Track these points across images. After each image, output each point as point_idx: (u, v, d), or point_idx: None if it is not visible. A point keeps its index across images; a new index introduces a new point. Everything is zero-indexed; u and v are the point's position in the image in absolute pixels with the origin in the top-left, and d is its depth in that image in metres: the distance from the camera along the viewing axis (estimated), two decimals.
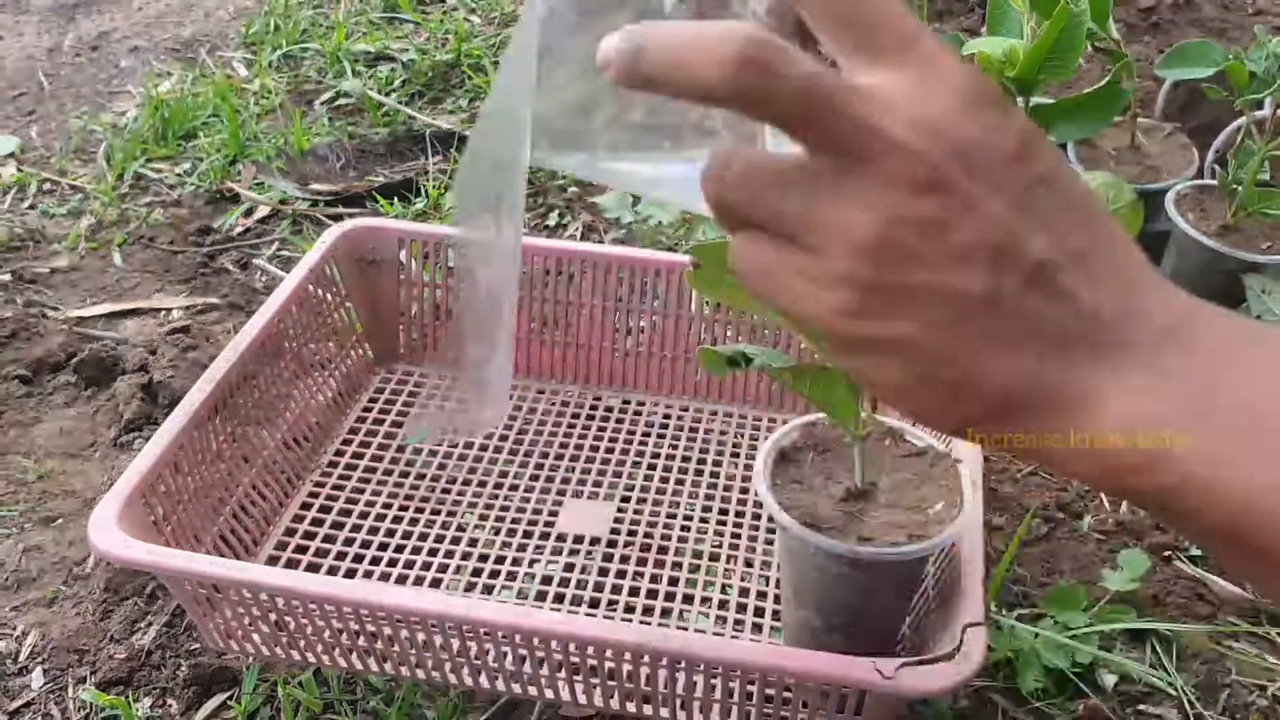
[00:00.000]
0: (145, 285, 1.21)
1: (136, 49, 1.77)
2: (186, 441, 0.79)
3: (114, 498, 0.71)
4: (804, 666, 0.62)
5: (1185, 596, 0.84)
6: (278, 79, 1.63)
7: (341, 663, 0.74)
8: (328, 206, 1.34)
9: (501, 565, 0.85)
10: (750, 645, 0.64)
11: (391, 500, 0.90)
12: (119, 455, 0.98)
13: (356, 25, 1.78)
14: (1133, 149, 1.14)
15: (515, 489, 0.92)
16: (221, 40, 1.78)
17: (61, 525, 0.91)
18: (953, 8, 1.74)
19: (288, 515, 0.88)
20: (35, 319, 1.13)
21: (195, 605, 0.72)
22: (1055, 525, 0.90)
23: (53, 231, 1.31)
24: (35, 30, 1.83)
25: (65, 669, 0.80)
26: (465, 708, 0.76)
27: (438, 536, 0.87)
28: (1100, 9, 1.01)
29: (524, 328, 1.01)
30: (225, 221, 1.32)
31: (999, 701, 0.77)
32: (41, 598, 0.85)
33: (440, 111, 1.55)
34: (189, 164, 1.43)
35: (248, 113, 1.54)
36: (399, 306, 1.02)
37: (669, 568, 0.85)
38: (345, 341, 1.00)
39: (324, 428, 0.95)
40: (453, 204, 0.69)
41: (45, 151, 1.49)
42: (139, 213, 1.33)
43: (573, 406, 1.00)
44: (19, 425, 1.01)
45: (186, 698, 0.77)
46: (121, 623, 0.83)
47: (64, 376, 1.06)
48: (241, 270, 1.24)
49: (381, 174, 1.42)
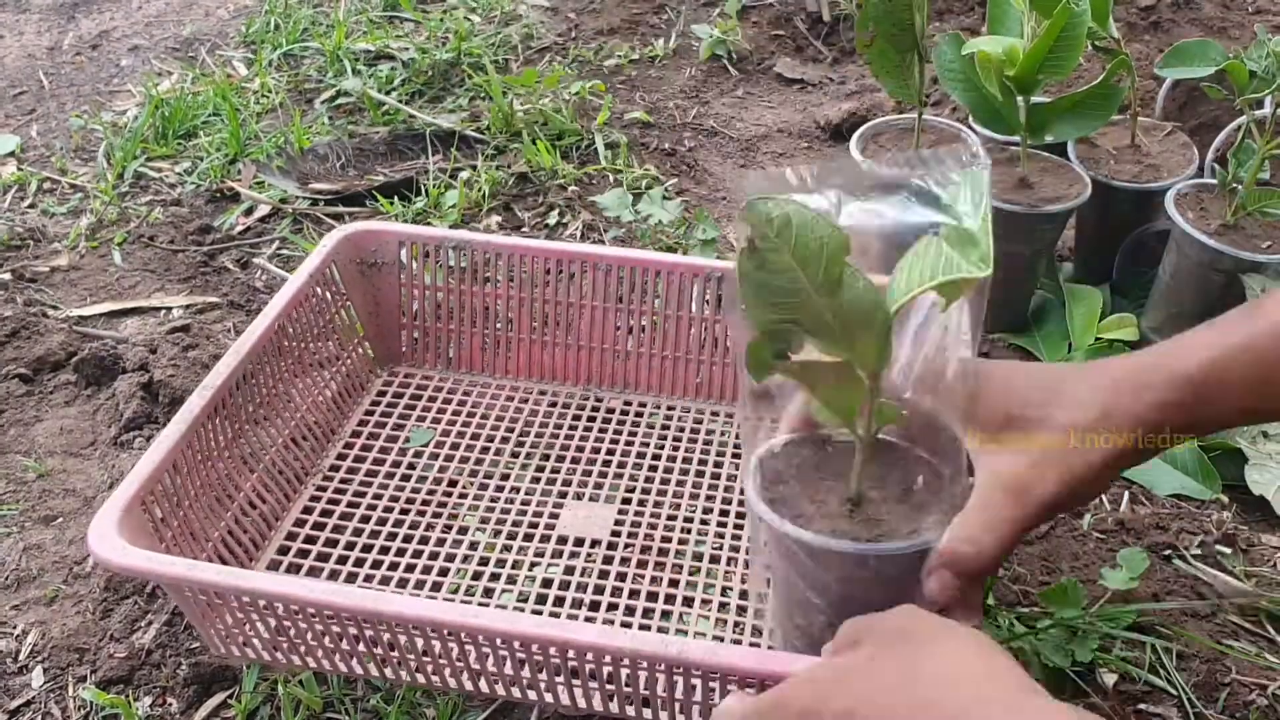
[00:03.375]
0: (145, 284, 1.21)
1: (137, 48, 1.77)
2: (188, 445, 0.79)
3: (114, 503, 0.71)
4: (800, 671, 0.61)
5: (1185, 596, 0.84)
6: (278, 78, 1.63)
7: (341, 667, 0.74)
8: (328, 205, 1.34)
9: (502, 568, 0.85)
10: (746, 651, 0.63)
11: (393, 503, 0.90)
12: (119, 454, 0.98)
13: (357, 24, 1.78)
14: (1132, 148, 1.14)
15: (516, 491, 0.92)
16: (221, 39, 1.78)
17: (61, 524, 0.91)
18: (953, 6, 1.74)
19: (290, 518, 0.88)
20: (35, 318, 1.13)
21: (195, 611, 0.72)
22: (1055, 524, 0.90)
23: (53, 230, 1.31)
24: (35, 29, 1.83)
25: (65, 668, 0.80)
26: (465, 706, 0.76)
27: (439, 539, 0.87)
28: (1100, 8, 1.01)
29: (524, 328, 1.02)
30: (225, 220, 1.32)
31: None
32: (42, 596, 0.85)
33: (440, 110, 1.55)
34: (189, 163, 1.43)
35: (248, 112, 1.54)
36: (400, 308, 1.02)
37: (669, 570, 0.85)
38: (347, 343, 1.00)
39: (326, 430, 0.95)
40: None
41: (45, 150, 1.49)
42: (139, 212, 1.33)
43: (573, 407, 1.00)
44: (19, 424, 1.01)
45: (187, 696, 0.78)
46: (122, 621, 0.83)
47: (64, 375, 1.06)
48: (242, 269, 1.24)
49: (382, 173, 1.42)
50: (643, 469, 0.94)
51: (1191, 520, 0.91)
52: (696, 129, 1.53)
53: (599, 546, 0.87)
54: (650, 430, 0.98)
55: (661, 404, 1.01)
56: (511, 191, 1.35)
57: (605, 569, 0.85)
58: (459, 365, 1.04)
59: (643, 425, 0.99)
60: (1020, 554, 0.87)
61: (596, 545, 0.87)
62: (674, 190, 1.37)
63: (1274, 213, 1.01)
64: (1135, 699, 0.77)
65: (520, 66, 1.66)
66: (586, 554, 0.86)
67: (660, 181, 1.37)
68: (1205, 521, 0.90)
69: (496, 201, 1.34)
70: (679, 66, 1.68)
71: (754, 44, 1.72)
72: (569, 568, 0.85)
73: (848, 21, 1.75)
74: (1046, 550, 0.87)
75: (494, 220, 1.31)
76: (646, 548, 0.87)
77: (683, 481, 0.93)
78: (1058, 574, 0.85)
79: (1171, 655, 0.79)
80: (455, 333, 1.03)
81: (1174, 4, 1.63)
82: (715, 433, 0.98)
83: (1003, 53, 1.01)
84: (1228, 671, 0.78)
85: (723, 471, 0.94)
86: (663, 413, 1.00)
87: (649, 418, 0.99)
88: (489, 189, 1.34)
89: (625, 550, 0.86)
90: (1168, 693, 0.77)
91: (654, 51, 1.70)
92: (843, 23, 1.76)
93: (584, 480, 0.93)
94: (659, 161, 1.43)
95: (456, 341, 1.03)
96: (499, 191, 1.35)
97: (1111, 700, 0.76)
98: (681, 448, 0.96)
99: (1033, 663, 0.77)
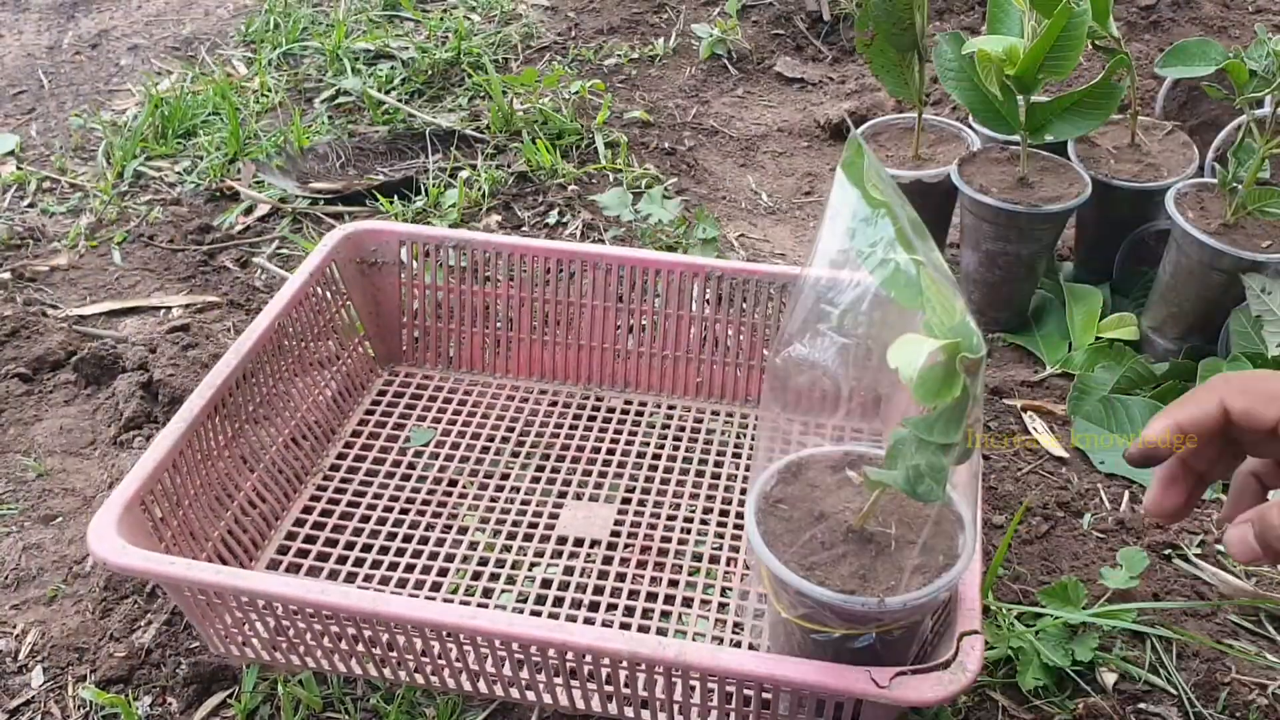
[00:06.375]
0: (145, 283, 1.21)
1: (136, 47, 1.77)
2: (187, 445, 0.79)
3: (113, 503, 0.71)
4: (799, 676, 0.61)
5: (1185, 595, 0.84)
6: (277, 77, 1.63)
7: (341, 667, 0.74)
8: (328, 205, 1.34)
9: (502, 568, 0.85)
10: (745, 654, 0.63)
11: (393, 503, 0.90)
12: (119, 453, 0.98)
13: (356, 23, 1.78)
14: (1133, 147, 1.14)
15: (516, 491, 0.92)
16: (221, 38, 1.78)
17: (61, 524, 0.91)
18: (953, 6, 1.74)
19: (290, 518, 0.88)
20: (35, 317, 1.13)
21: (194, 611, 0.72)
22: (1055, 523, 0.90)
23: (52, 230, 1.31)
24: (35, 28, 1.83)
25: (65, 667, 0.80)
26: (465, 706, 0.76)
27: (438, 539, 0.87)
28: (1101, 7, 1.01)
29: (524, 327, 1.01)
30: (225, 220, 1.32)
31: (999, 700, 0.77)
32: (41, 596, 0.85)
33: (440, 109, 1.55)
34: (189, 162, 1.43)
35: (247, 111, 1.54)
36: (401, 307, 1.02)
37: (669, 570, 0.85)
38: (347, 343, 1.00)
39: (326, 429, 0.95)
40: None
41: (45, 150, 1.49)
42: (139, 211, 1.33)
43: (574, 407, 1.00)
44: (19, 423, 1.01)
45: (186, 696, 0.77)
46: (121, 621, 0.83)
47: (64, 375, 1.06)
48: (241, 268, 1.24)
49: (381, 172, 1.42)
50: (643, 469, 0.94)
51: (1192, 519, 0.91)
52: (696, 128, 1.53)
53: (599, 546, 0.86)
54: (650, 430, 0.98)
55: (661, 404, 1.01)
56: (511, 191, 1.35)
57: (605, 569, 0.85)
58: (459, 365, 1.04)
59: (643, 425, 0.99)
60: (1020, 554, 0.87)
61: (596, 545, 0.87)
62: (674, 189, 1.37)
63: (1274, 212, 1.01)
64: (1135, 698, 0.77)
65: (520, 66, 1.66)
66: (586, 554, 0.86)
67: (660, 181, 1.37)
68: (1206, 521, 0.90)
69: (496, 201, 1.33)
70: (679, 66, 1.68)
71: (754, 43, 1.72)
72: (569, 568, 0.85)
73: (848, 21, 1.75)
74: (1046, 550, 0.87)
75: (494, 219, 1.31)
76: (646, 548, 0.86)
77: (683, 481, 0.93)
78: (1058, 573, 0.85)
79: (1171, 655, 0.79)
80: (455, 332, 1.03)
81: (1174, 3, 1.63)
82: (715, 432, 0.98)
83: (1003, 52, 1.01)
84: (1228, 671, 0.78)
85: (723, 471, 0.94)
86: (663, 412, 1.00)
87: (649, 417, 0.99)
88: (489, 188, 1.34)
89: (625, 550, 0.86)
90: (1168, 692, 0.77)
91: (654, 51, 1.70)
92: (843, 22, 1.76)
93: (584, 480, 0.93)
94: (659, 161, 1.43)
95: (457, 341, 1.03)
96: (499, 191, 1.35)
97: (1111, 700, 0.76)
98: (681, 448, 0.96)
99: (1033, 662, 0.77)
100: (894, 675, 0.59)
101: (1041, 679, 0.77)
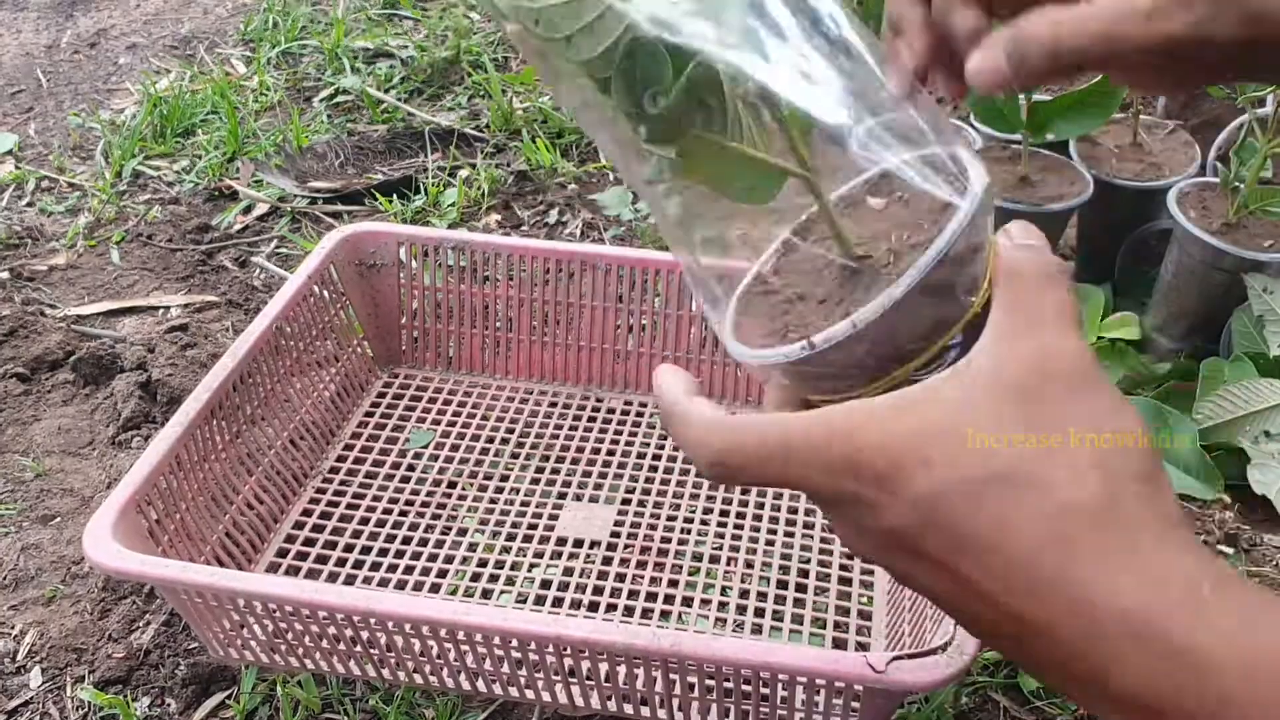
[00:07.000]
0: (143, 283, 1.21)
1: (135, 46, 1.76)
2: (186, 446, 0.78)
3: (110, 505, 0.71)
4: (794, 662, 0.61)
5: None
6: (276, 76, 1.63)
7: (339, 668, 0.73)
8: (326, 204, 1.34)
9: (501, 569, 0.85)
10: (739, 642, 0.63)
11: (393, 504, 0.90)
12: (117, 454, 0.98)
13: (355, 22, 1.78)
14: (1135, 146, 1.14)
15: (516, 492, 0.91)
16: (220, 37, 1.78)
17: (60, 524, 0.91)
18: None
19: (290, 519, 0.88)
20: (33, 317, 1.12)
21: (192, 614, 0.72)
22: None
23: (51, 229, 1.31)
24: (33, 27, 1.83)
25: (63, 668, 0.80)
26: (465, 706, 0.76)
27: (438, 541, 0.87)
28: None
29: (524, 328, 1.01)
30: (224, 219, 1.31)
31: (1000, 700, 0.76)
32: (40, 596, 0.85)
33: (440, 108, 1.55)
34: (187, 161, 1.43)
35: (246, 110, 1.53)
36: (400, 308, 1.02)
37: (669, 570, 0.85)
38: (346, 343, 0.99)
39: (325, 430, 0.95)
40: None
41: (43, 149, 1.48)
42: (137, 210, 1.32)
43: (574, 408, 1.00)
44: (17, 423, 1.01)
45: (185, 697, 0.77)
46: (120, 622, 0.82)
47: (62, 375, 1.06)
48: (240, 268, 1.24)
49: (380, 171, 1.41)
50: (643, 469, 0.94)
51: (1194, 520, 0.90)
52: None
53: (598, 547, 0.86)
54: (650, 430, 0.98)
55: None
56: (511, 190, 1.35)
57: (604, 570, 0.84)
58: (459, 365, 1.04)
59: (643, 425, 0.98)
60: None
61: (596, 546, 0.86)
62: None
63: (1276, 211, 1.00)
64: None
65: (520, 64, 1.66)
66: (586, 555, 0.86)
67: None
68: (1208, 521, 0.90)
69: (496, 200, 1.33)
70: None
71: None
72: (568, 569, 0.84)
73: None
74: None
75: (493, 219, 1.30)
76: (646, 548, 0.86)
77: (683, 482, 0.92)
78: None
79: None
80: (455, 333, 1.03)
81: None
82: None
83: None
84: None
85: None
86: None
87: (649, 418, 0.99)
88: (488, 187, 1.34)
89: (625, 551, 0.86)
90: None
91: None
92: None
93: (584, 481, 0.92)
94: None
95: (456, 341, 1.03)
96: (498, 190, 1.34)
97: None
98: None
99: None
100: (890, 660, 0.59)
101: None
